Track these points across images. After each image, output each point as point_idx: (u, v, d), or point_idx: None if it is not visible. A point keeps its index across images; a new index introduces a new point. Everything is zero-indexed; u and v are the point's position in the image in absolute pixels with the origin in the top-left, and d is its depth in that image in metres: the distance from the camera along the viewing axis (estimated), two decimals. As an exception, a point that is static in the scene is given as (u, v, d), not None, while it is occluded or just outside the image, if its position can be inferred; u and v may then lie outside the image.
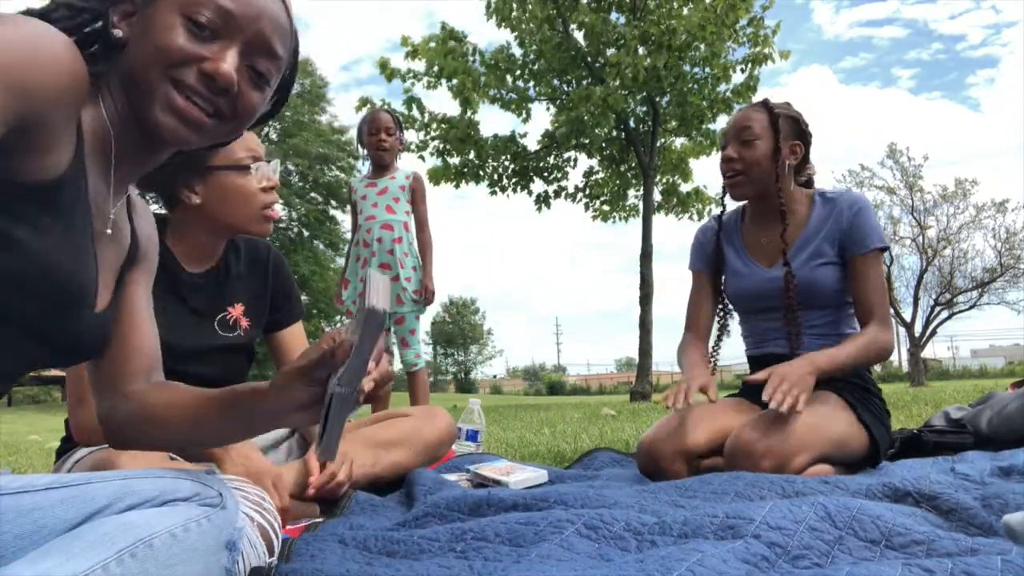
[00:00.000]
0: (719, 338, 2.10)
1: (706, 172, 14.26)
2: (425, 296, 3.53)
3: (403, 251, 3.48)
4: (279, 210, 1.62)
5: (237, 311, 1.62)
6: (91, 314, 0.81)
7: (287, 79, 0.91)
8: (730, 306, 2.08)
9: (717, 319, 2.11)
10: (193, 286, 1.55)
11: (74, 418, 1.40)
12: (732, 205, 2.08)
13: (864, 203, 1.87)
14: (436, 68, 10.95)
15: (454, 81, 10.97)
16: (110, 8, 0.79)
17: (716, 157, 1.99)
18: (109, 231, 0.85)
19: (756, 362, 2.00)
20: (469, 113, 11.37)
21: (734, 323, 2.11)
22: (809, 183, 2.03)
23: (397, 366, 3.66)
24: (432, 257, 3.59)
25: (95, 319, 0.83)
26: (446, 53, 10.86)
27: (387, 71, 10.91)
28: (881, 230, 1.87)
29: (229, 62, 0.79)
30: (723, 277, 2.08)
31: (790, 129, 1.90)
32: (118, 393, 0.94)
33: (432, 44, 10.92)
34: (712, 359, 2.04)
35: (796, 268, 1.87)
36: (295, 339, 1.73)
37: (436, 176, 11.61)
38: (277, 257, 1.73)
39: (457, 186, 11.84)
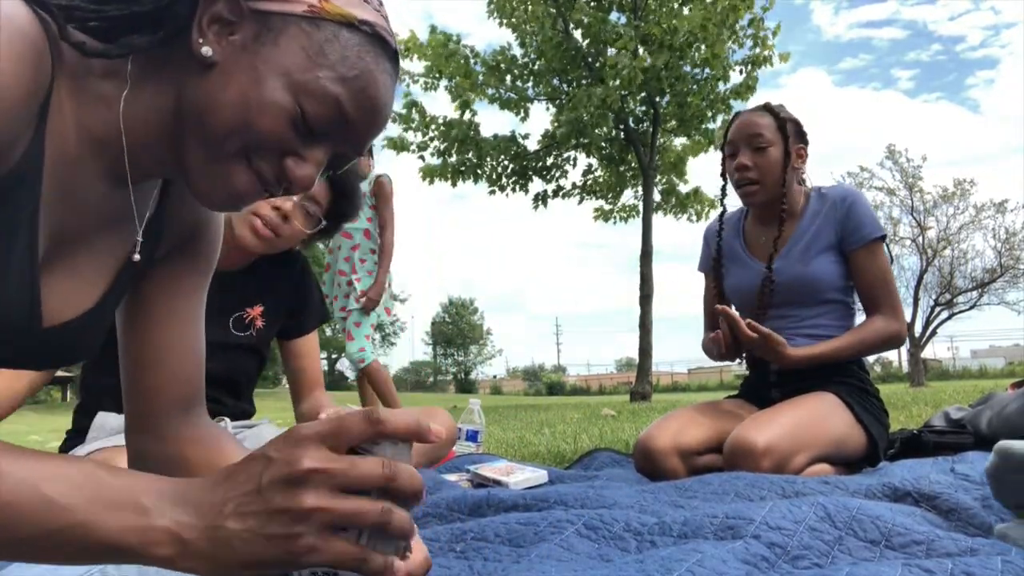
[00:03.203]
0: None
1: (703, 171, 14.15)
2: (365, 303, 3.58)
3: (359, 258, 3.62)
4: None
5: (255, 312, 1.63)
6: (40, 329, 0.64)
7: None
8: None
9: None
10: (214, 283, 1.55)
11: None
12: (731, 204, 2.08)
13: (855, 195, 1.86)
14: (436, 70, 10.94)
15: (453, 81, 10.97)
16: (202, 12, 0.61)
17: (712, 155, 1.99)
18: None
19: (754, 363, 2.00)
20: (468, 115, 11.37)
21: None
22: (801, 183, 2.03)
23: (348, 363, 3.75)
24: (389, 261, 3.64)
25: (50, 334, 0.66)
26: (446, 56, 10.85)
27: None
28: (876, 219, 1.85)
29: (314, 166, 0.66)
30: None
31: (795, 133, 1.90)
32: (150, 431, 0.80)
33: (429, 47, 10.89)
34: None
35: (787, 265, 1.87)
36: (310, 348, 1.76)
37: (431, 173, 11.58)
38: (307, 264, 1.76)
39: (454, 184, 11.84)
